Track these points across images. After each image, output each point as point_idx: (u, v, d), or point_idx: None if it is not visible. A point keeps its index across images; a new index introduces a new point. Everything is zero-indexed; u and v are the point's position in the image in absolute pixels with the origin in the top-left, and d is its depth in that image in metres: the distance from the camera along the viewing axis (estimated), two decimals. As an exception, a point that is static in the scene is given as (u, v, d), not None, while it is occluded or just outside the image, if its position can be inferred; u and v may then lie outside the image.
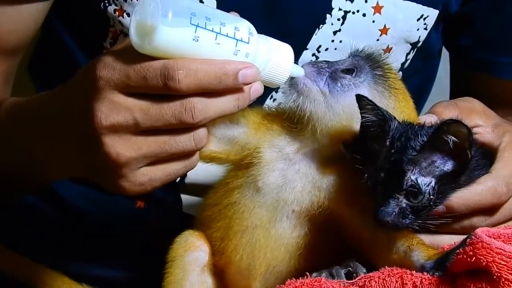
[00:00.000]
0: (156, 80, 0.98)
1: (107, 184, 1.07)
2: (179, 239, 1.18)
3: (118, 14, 1.34)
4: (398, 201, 1.03)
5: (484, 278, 0.95)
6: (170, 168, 1.05)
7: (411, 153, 1.03)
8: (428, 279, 0.99)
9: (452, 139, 1.02)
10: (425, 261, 1.03)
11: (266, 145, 1.15)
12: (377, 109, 1.06)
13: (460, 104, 1.17)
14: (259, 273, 1.14)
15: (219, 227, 1.17)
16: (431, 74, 1.57)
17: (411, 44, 1.40)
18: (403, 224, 1.04)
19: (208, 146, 1.13)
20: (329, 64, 1.13)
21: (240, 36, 1.02)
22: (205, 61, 0.99)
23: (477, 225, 1.09)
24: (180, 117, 0.99)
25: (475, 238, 0.95)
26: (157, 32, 0.97)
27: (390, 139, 1.05)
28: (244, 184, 1.15)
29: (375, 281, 1.01)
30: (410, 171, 1.03)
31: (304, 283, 1.02)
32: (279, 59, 1.06)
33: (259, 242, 1.14)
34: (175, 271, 1.16)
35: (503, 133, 1.16)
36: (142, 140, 1.02)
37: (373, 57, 1.14)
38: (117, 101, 1.00)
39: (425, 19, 1.37)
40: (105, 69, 1.00)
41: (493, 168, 1.11)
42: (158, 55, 0.99)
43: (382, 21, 1.35)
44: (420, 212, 1.04)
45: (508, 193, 1.10)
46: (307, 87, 1.11)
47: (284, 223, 1.13)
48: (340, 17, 1.34)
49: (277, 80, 1.07)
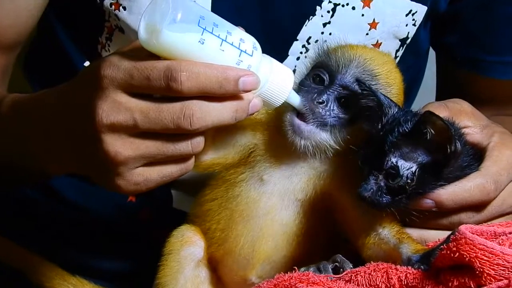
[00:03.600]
0: (159, 81, 1.01)
1: (103, 181, 1.09)
2: (175, 233, 1.21)
3: (114, 8, 1.36)
4: (377, 180, 1.08)
5: (467, 273, 0.97)
6: (166, 170, 1.08)
7: (395, 137, 1.07)
8: (413, 273, 1.01)
9: (430, 131, 1.05)
10: (412, 254, 1.06)
11: (269, 142, 1.18)
12: (374, 95, 1.10)
13: (450, 105, 1.19)
14: (258, 263, 1.18)
15: (219, 219, 1.20)
16: (420, 72, 1.59)
17: (400, 40, 1.42)
18: (381, 203, 1.08)
19: (208, 155, 1.17)
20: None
21: (245, 47, 1.05)
22: (208, 65, 1.02)
23: (465, 221, 1.12)
24: (178, 122, 1.02)
25: (459, 234, 0.97)
26: (164, 30, 1.00)
27: (382, 123, 1.09)
28: (249, 178, 1.18)
29: (361, 276, 1.04)
30: (392, 153, 1.07)
31: (292, 277, 1.04)
32: (279, 80, 1.09)
33: (262, 231, 1.17)
34: (170, 264, 1.18)
35: (492, 133, 1.18)
36: (140, 141, 1.04)
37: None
38: (119, 100, 1.03)
39: (413, 14, 1.39)
40: (109, 68, 1.03)
41: (482, 166, 1.13)
42: (164, 54, 1.02)
43: (371, 15, 1.37)
44: (398, 194, 1.07)
45: (496, 190, 1.12)
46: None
47: (289, 211, 1.17)
48: (330, 10, 1.36)
49: (274, 101, 1.10)
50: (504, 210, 1.15)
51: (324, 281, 1.03)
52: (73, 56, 1.45)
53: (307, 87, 1.14)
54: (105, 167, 1.06)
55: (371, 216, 1.12)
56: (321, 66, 1.15)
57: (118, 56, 1.04)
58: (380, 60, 1.15)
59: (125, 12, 1.35)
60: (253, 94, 1.07)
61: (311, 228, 1.17)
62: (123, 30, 1.38)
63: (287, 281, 1.03)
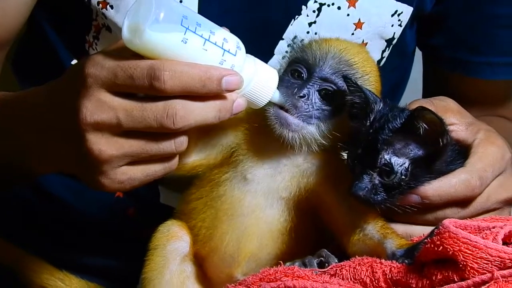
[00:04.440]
0: (142, 80, 1.01)
1: (87, 179, 1.10)
2: (161, 228, 1.21)
3: (102, 7, 1.36)
4: (371, 178, 1.08)
5: (450, 266, 0.97)
6: (150, 169, 1.08)
7: (387, 134, 1.08)
8: (397, 267, 1.02)
9: (423, 126, 1.06)
10: (397, 249, 1.07)
11: (252, 141, 1.18)
12: (361, 91, 1.11)
13: (436, 102, 1.20)
14: (243, 260, 1.18)
15: (204, 217, 1.20)
16: (406, 73, 1.59)
17: (386, 40, 1.42)
18: (375, 200, 1.08)
19: (191, 157, 1.18)
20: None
21: (228, 47, 1.06)
22: (191, 64, 1.03)
23: (450, 216, 1.12)
24: (162, 121, 1.02)
25: (443, 228, 0.98)
26: (147, 30, 1.00)
27: (371, 120, 1.10)
28: (233, 177, 1.19)
29: (346, 270, 1.05)
30: (385, 151, 1.08)
31: (277, 270, 1.04)
32: (263, 80, 1.10)
33: (247, 229, 1.18)
34: (156, 259, 1.19)
35: (477, 131, 1.18)
36: (124, 140, 1.05)
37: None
38: (103, 99, 1.03)
39: (399, 15, 1.40)
40: (94, 67, 1.04)
41: (467, 162, 1.14)
42: (147, 53, 1.03)
43: (357, 15, 1.38)
44: (392, 191, 1.08)
45: (481, 186, 1.13)
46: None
47: (273, 209, 1.18)
48: (316, 9, 1.36)
49: (258, 101, 1.10)
50: (489, 206, 1.15)
51: (309, 275, 1.03)
52: (61, 54, 1.46)
53: (287, 83, 1.15)
54: (89, 166, 1.06)
55: (355, 213, 1.13)
56: (298, 62, 1.17)
57: (102, 55, 1.05)
58: (354, 50, 1.17)
59: (112, 11, 1.36)
60: (237, 94, 1.07)
61: (296, 226, 1.18)
62: (110, 29, 1.39)
63: (273, 275, 1.04)
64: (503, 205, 1.17)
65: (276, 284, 1.01)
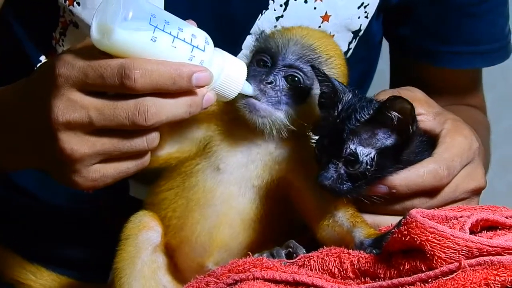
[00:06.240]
0: (112, 79, 1.02)
1: (60, 178, 1.10)
2: (133, 219, 1.22)
3: (69, 3, 1.36)
4: (337, 167, 1.09)
5: (418, 256, 0.98)
6: (122, 166, 1.10)
7: (354, 124, 1.08)
8: (365, 257, 1.03)
9: (395, 115, 1.07)
10: (365, 238, 1.08)
11: (224, 132, 1.19)
12: (329, 81, 1.12)
13: (403, 92, 1.20)
14: (215, 250, 1.19)
15: (175, 207, 1.21)
16: (373, 64, 1.60)
17: (352, 32, 1.43)
18: (341, 190, 1.09)
19: (164, 150, 1.18)
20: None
21: (197, 43, 1.06)
22: (161, 62, 1.04)
23: (418, 206, 1.12)
24: (133, 119, 1.03)
25: (410, 218, 0.98)
26: (116, 29, 1.01)
27: (338, 109, 1.10)
28: (205, 168, 1.19)
29: (314, 260, 1.05)
30: (350, 140, 1.08)
31: (246, 262, 1.05)
32: (232, 73, 1.11)
33: (219, 218, 1.18)
34: (128, 249, 1.19)
35: (444, 121, 1.19)
36: (96, 138, 1.06)
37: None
38: (74, 99, 1.04)
39: (365, 7, 1.40)
40: (64, 67, 1.04)
41: (435, 152, 1.15)
42: (117, 53, 1.03)
43: (324, 8, 1.38)
44: (358, 181, 1.09)
45: (448, 176, 1.14)
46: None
47: (245, 198, 1.19)
48: (283, 3, 1.37)
49: (227, 93, 1.11)
50: (457, 196, 1.16)
51: (278, 266, 1.04)
52: (30, 51, 1.46)
53: (253, 72, 1.16)
54: (62, 164, 1.07)
55: (326, 199, 1.13)
56: (262, 51, 1.18)
57: (72, 54, 1.05)
58: (316, 35, 1.19)
59: (79, 8, 1.36)
60: (207, 89, 1.08)
61: (268, 214, 1.19)
62: (77, 25, 1.39)
63: (241, 266, 1.04)
64: (471, 194, 1.18)
65: (245, 275, 1.02)
